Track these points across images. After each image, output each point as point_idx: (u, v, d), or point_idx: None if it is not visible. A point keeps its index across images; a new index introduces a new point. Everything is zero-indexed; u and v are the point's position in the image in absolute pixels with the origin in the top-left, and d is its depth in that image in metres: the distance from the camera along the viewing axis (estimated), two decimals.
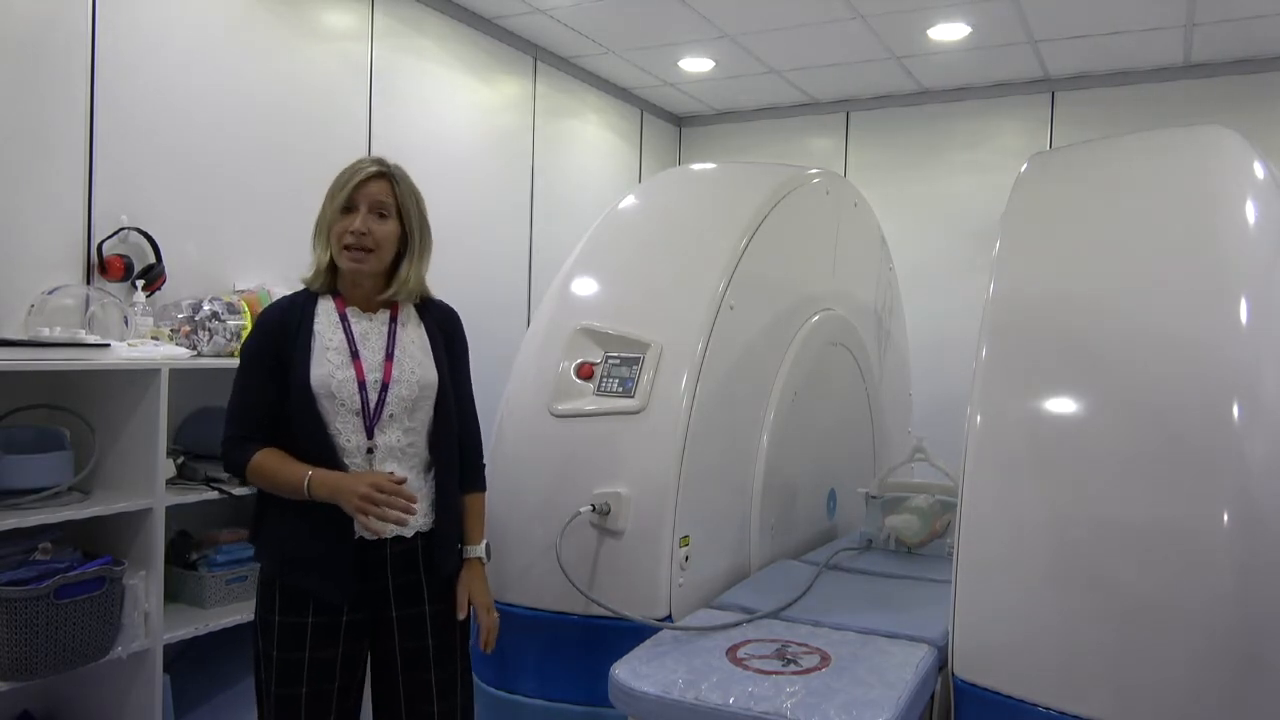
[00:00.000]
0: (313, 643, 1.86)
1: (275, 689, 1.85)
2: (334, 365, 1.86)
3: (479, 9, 4.00)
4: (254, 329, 1.97)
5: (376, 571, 1.90)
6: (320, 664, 1.86)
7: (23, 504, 2.17)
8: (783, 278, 2.96)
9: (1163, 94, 4.48)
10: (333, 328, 1.91)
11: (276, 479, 1.84)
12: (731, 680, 1.88)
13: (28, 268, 2.50)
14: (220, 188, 3.00)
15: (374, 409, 1.88)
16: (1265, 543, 1.70)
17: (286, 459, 1.85)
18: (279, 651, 1.85)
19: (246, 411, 1.89)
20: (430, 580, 1.96)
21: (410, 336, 1.97)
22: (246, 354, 1.94)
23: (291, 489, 1.82)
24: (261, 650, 1.89)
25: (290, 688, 1.85)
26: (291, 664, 1.85)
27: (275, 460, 1.85)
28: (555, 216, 4.56)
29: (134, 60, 2.74)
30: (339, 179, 1.92)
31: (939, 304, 4.55)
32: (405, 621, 1.94)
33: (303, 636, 1.85)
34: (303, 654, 1.85)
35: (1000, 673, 1.90)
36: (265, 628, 1.88)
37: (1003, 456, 1.99)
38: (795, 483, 2.99)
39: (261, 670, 1.90)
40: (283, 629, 1.86)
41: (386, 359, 1.91)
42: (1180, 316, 1.92)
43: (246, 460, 1.85)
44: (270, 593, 1.88)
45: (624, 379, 2.48)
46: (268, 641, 1.87)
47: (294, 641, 1.85)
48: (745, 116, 5.50)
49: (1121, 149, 2.52)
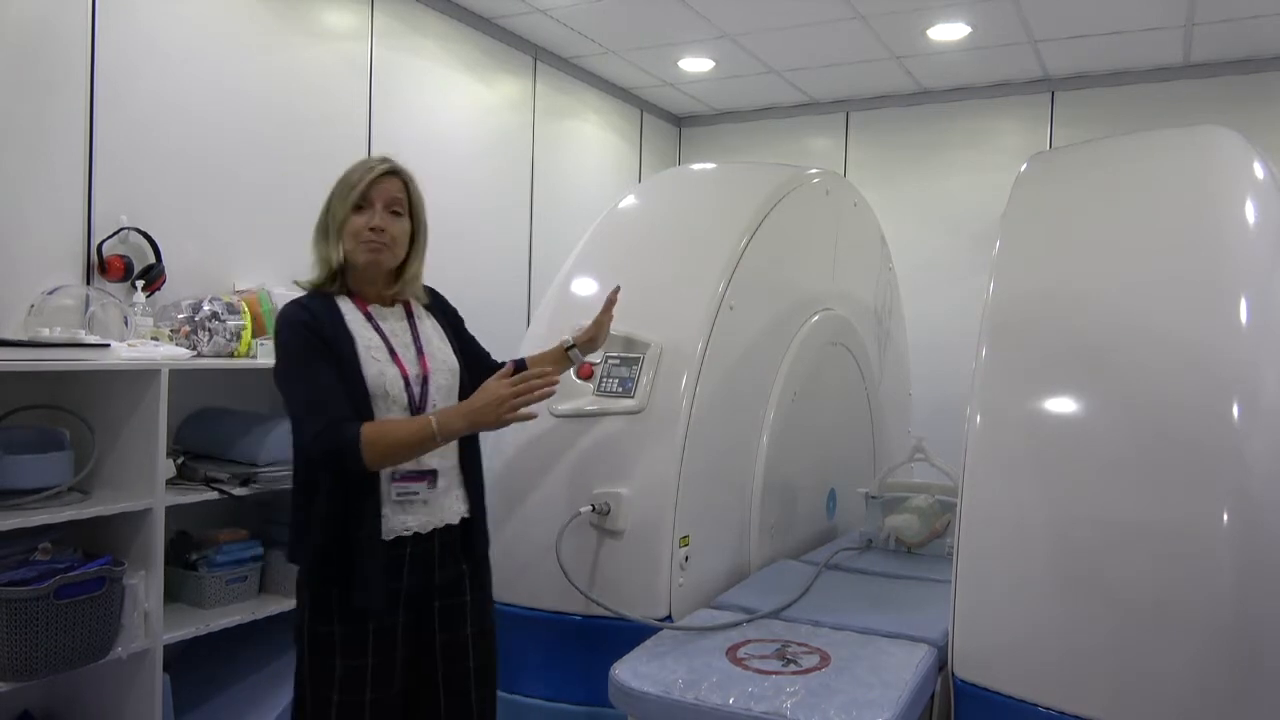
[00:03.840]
0: (375, 647, 1.83)
1: (339, 696, 1.81)
2: (381, 364, 1.86)
3: (479, 9, 4.00)
4: (291, 326, 1.85)
5: (424, 566, 1.90)
6: (382, 669, 1.84)
7: (23, 504, 2.17)
8: (783, 278, 2.96)
9: (1163, 94, 4.48)
10: (364, 327, 1.89)
11: (398, 441, 1.78)
12: (731, 680, 1.88)
13: (28, 268, 2.50)
14: (220, 188, 3.00)
15: (419, 402, 1.88)
16: (1265, 542, 1.70)
17: (392, 421, 1.82)
18: (342, 660, 1.81)
19: (325, 397, 1.78)
20: (469, 569, 1.99)
21: (428, 328, 2.00)
22: (298, 348, 1.83)
23: (420, 443, 1.79)
24: (316, 663, 1.83)
25: (355, 694, 1.81)
26: (355, 671, 1.81)
27: (385, 426, 1.80)
28: (555, 217, 4.56)
29: (134, 60, 2.74)
30: (349, 178, 1.90)
31: (939, 304, 4.55)
32: (446, 612, 1.95)
33: (364, 643, 1.82)
34: (365, 660, 1.82)
35: (1000, 673, 1.91)
36: (320, 639, 1.83)
37: (1003, 456, 2.00)
38: (795, 483, 2.99)
39: (311, 684, 1.84)
40: (344, 638, 1.81)
41: (419, 353, 1.93)
42: (1180, 316, 1.92)
43: (356, 436, 1.74)
44: (324, 603, 1.83)
45: (624, 379, 2.48)
46: (325, 653, 1.82)
47: (356, 649, 1.81)
48: (745, 116, 5.50)
49: (1121, 149, 2.52)
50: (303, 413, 1.80)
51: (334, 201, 1.91)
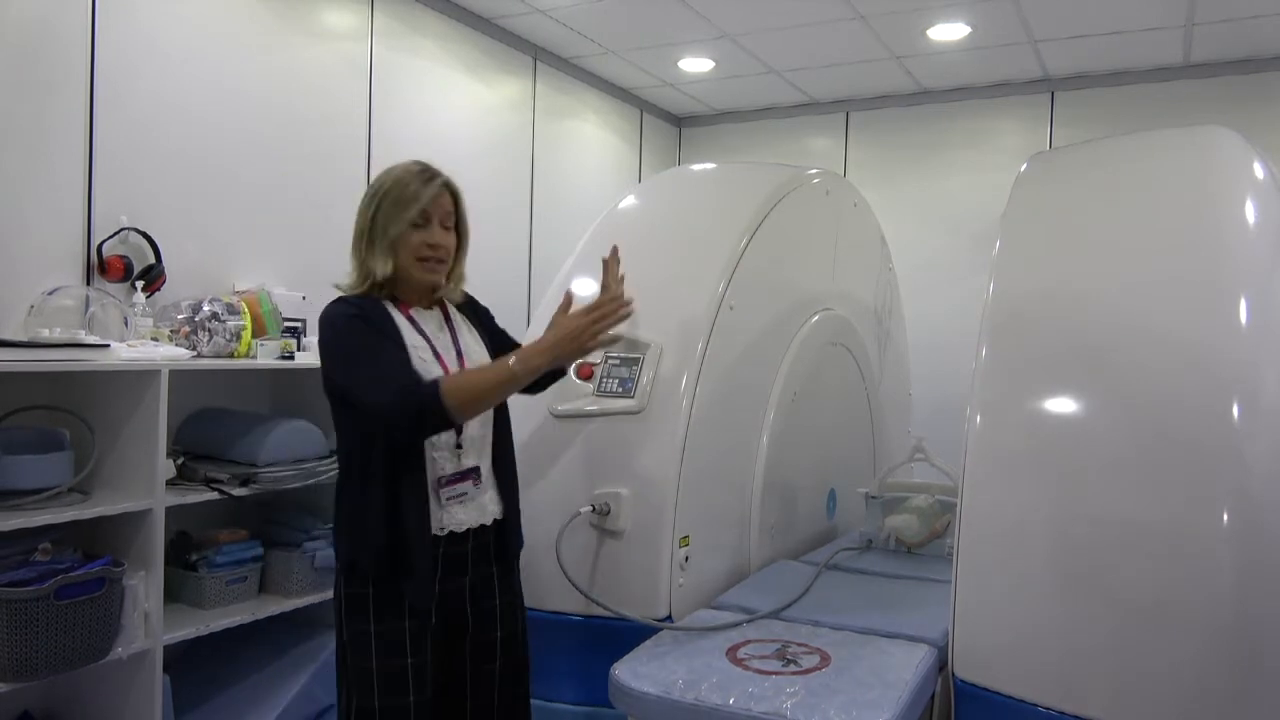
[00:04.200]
0: (412, 649, 1.82)
1: (380, 701, 1.79)
2: (427, 364, 1.85)
3: (478, 9, 4.00)
4: (345, 318, 1.81)
5: (458, 566, 1.90)
6: (419, 670, 1.83)
7: (23, 504, 2.17)
8: (783, 278, 2.96)
9: (1163, 94, 4.48)
10: (409, 330, 1.88)
11: (480, 385, 1.80)
12: (731, 680, 1.88)
13: (28, 268, 2.50)
14: (220, 188, 3.00)
15: None
16: (1265, 542, 1.70)
17: (469, 370, 1.86)
18: (379, 661, 1.80)
19: (393, 371, 1.76)
20: (500, 571, 1.99)
21: (464, 330, 2.01)
22: (356, 333, 1.79)
23: (501, 384, 1.82)
24: (357, 665, 1.82)
25: (398, 697, 1.80)
26: (395, 673, 1.80)
27: (464, 375, 1.83)
28: (555, 216, 4.56)
29: (134, 60, 2.74)
30: (407, 190, 1.86)
31: (939, 304, 4.55)
32: (477, 615, 1.95)
33: (402, 643, 1.82)
34: (404, 660, 1.81)
35: (1000, 673, 1.90)
36: (360, 639, 1.82)
37: (1003, 456, 2.00)
38: (795, 483, 2.99)
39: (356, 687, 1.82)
40: (379, 638, 1.81)
41: (459, 357, 1.93)
42: (1180, 316, 1.92)
43: (435, 391, 1.72)
44: (362, 603, 1.82)
45: (624, 379, 2.48)
46: (362, 653, 1.81)
47: (395, 649, 1.81)
48: (745, 116, 5.50)
49: (1121, 149, 2.52)
50: (374, 385, 1.75)
51: (386, 212, 1.85)
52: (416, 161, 1.94)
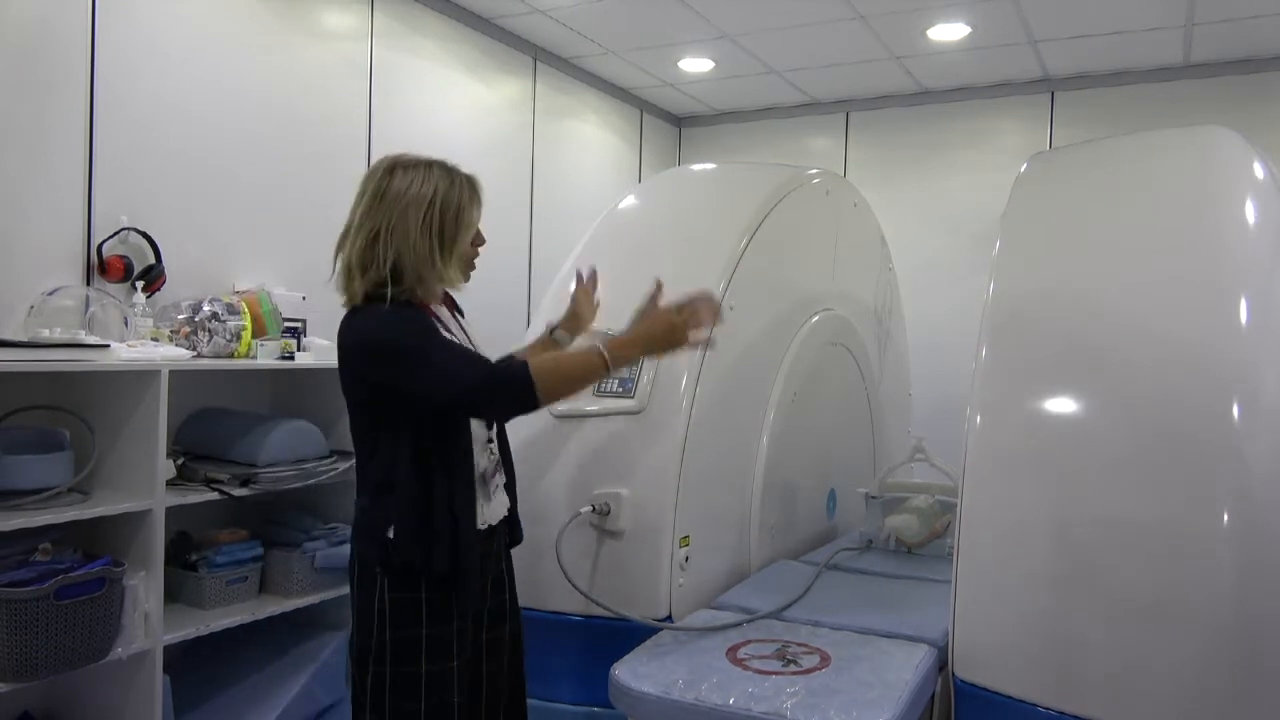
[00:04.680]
0: (459, 649, 1.83)
1: (426, 704, 1.78)
2: None
3: (478, 9, 3.99)
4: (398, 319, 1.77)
5: (489, 563, 1.92)
6: (462, 671, 1.83)
7: (23, 505, 2.16)
8: (782, 278, 2.96)
9: (1163, 94, 4.48)
10: (443, 328, 1.85)
11: (571, 371, 1.81)
12: (731, 680, 1.88)
13: (28, 268, 2.50)
14: (220, 188, 3.00)
15: None
16: (1265, 542, 1.70)
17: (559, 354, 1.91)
18: (428, 664, 1.78)
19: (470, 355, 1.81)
20: (507, 565, 2.02)
21: (467, 327, 2.02)
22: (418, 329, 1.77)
23: (592, 373, 1.81)
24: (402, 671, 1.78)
25: (444, 696, 1.79)
26: (444, 675, 1.79)
27: (555, 359, 1.87)
28: (555, 216, 4.56)
29: (134, 60, 2.74)
30: (470, 198, 1.84)
31: (939, 304, 4.55)
32: (493, 611, 1.96)
33: (450, 645, 1.80)
34: (452, 663, 1.81)
35: (1000, 673, 1.91)
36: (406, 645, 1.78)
37: (1003, 456, 2.00)
38: (795, 483, 2.99)
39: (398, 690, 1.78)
40: (430, 641, 1.78)
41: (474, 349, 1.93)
42: (1180, 316, 1.92)
43: (526, 370, 1.74)
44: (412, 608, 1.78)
45: (624, 379, 2.48)
46: (408, 658, 1.78)
47: (444, 651, 1.80)
48: (745, 116, 5.50)
49: (1121, 149, 2.52)
50: (465, 368, 1.76)
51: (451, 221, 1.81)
52: (441, 163, 1.85)
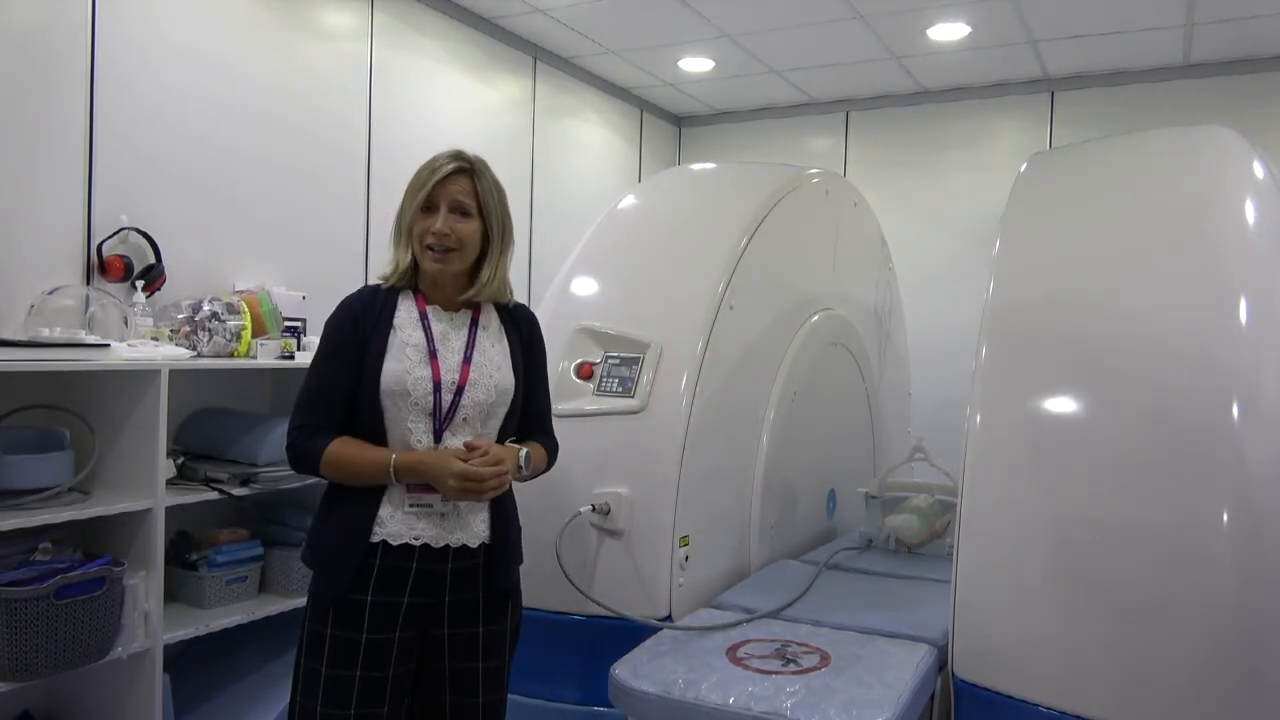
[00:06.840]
0: (365, 661, 1.75)
1: (321, 708, 1.74)
2: (411, 362, 1.79)
3: (479, 9, 3.99)
4: (337, 310, 1.86)
5: (435, 586, 1.80)
6: (371, 683, 1.75)
7: (23, 504, 2.17)
8: (782, 278, 2.96)
9: (1163, 94, 4.48)
10: (413, 325, 1.83)
11: (357, 466, 1.77)
12: (731, 680, 1.88)
13: (28, 268, 2.50)
14: (220, 188, 3.00)
15: (446, 411, 1.80)
16: (1265, 543, 1.70)
17: (365, 445, 1.79)
18: (328, 668, 1.74)
19: (321, 398, 1.80)
20: (486, 598, 1.87)
21: (490, 340, 1.90)
22: (327, 335, 1.84)
23: (374, 473, 1.76)
24: (306, 666, 1.78)
25: (339, 708, 1.74)
26: (341, 682, 1.74)
27: (354, 448, 1.78)
28: (555, 216, 4.56)
29: (133, 60, 2.74)
30: (418, 176, 1.84)
31: (939, 304, 4.55)
32: (457, 641, 1.84)
33: (355, 654, 1.74)
34: (353, 673, 1.74)
35: (1000, 673, 1.91)
36: (315, 641, 1.77)
37: (1003, 456, 2.00)
38: (795, 483, 2.99)
39: (301, 687, 1.78)
40: (334, 643, 1.75)
41: (464, 361, 1.83)
42: (1180, 317, 1.92)
43: (321, 449, 1.76)
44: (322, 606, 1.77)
45: (624, 379, 2.48)
46: (314, 657, 1.76)
47: (346, 658, 1.74)
48: (745, 116, 5.50)
49: (1121, 149, 2.52)
50: (297, 406, 1.82)
51: (405, 200, 1.85)
52: (452, 149, 1.89)
